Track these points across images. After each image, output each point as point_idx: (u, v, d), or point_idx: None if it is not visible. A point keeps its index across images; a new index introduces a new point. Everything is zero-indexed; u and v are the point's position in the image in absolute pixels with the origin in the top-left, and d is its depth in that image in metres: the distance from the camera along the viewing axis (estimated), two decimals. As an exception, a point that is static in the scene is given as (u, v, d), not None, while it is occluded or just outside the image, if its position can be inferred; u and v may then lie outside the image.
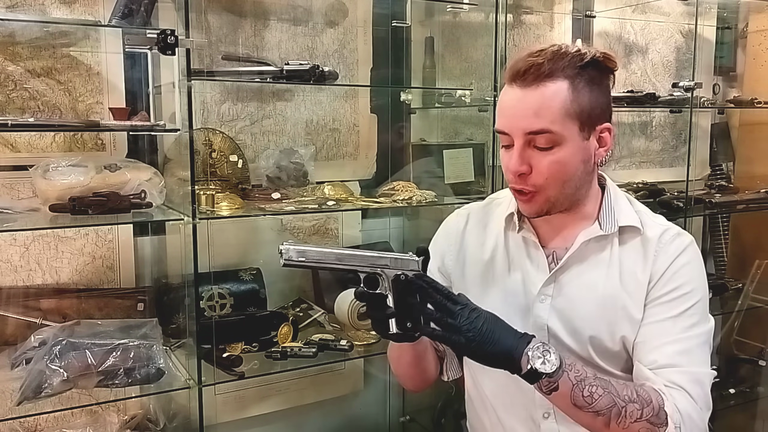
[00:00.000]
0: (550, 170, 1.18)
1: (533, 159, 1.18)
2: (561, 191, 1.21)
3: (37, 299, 1.73)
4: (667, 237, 1.27)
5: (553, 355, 1.10)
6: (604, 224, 1.27)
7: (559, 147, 1.18)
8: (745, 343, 2.70)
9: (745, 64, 2.88)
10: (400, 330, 1.15)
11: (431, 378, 1.45)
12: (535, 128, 1.16)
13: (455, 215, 1.47)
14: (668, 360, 1.18)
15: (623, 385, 1.15)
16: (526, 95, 1.17)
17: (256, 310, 1.90)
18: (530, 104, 1.16)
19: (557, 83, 1.16)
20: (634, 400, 1.13)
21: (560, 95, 1.16)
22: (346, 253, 1.15)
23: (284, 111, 2.05)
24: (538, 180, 1.19)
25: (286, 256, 1.13)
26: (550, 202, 1.22)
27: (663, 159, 2.75)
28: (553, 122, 1.16)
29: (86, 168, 1.63)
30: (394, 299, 1.15)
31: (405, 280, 1.14)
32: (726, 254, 2.91)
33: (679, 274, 1.24)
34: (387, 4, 2.17)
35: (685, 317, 1.22)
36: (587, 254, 1.27)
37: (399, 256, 1.17)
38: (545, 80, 1.16)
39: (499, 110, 1.22)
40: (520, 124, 1.17)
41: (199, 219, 1.61)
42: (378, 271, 1.15)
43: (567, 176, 1.20)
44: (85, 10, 1.73)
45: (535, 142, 1.18)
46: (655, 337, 1.21)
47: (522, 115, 1.17)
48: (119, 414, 1.84)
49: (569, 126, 1.17)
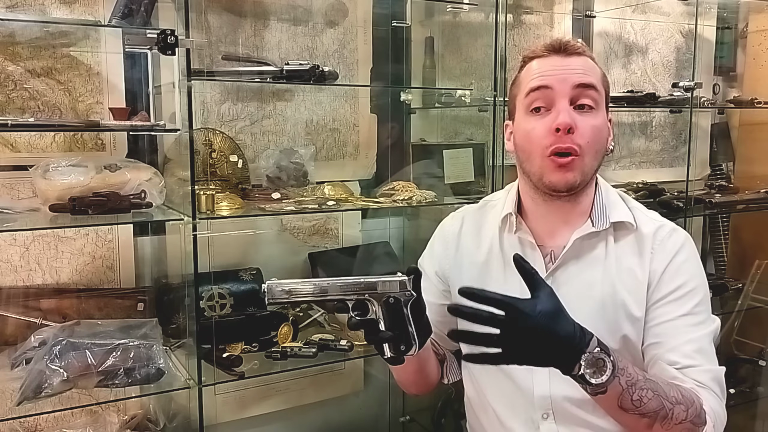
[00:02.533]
0: (592, 132, 1.21)
1: (577, 120, 1.20)
2: (593, 162, 1.23)
3: (37, 299, 1.73)
4: (662, 234, 1.27)
5: (608, 362, 1.05)
6: (596, 221, 1.27)
7: (596, 111, 1.22)
8: (745, 343, 2.70)
9: (745, 64, 2.88)
10: (394, 353, 1.14)
11: (434, 382, 1.46)
12: (585, 81, 1.21)
13: (450, 218, 1.47)
14: (689, 360, 1.19)
15: (669, 386, 1.14)
16: (570, 60, 1.23)
17: (256, 310, 1.90)
18: (577, 64, 1.23)
19: (590, 59, 1.26)
20: (680, 402, 1.12)
21: (596, 67, 1.26)
22: (332, 284, 1.13)
23: (284, 111, 2.05)
24: (581, 141, 1.20)
25: (269, 294, 1.11)
26: (584, 172, 1.23)
27: (663, 159, 2.75)
28: (597, 81, 1.23)
29: (86, 168, 1.63)
30: (386, 323, 1.14)
31: (395, 303, 1.13)
32: (726, 254, 2.91)
33: (680, 272, 1.24)
34: (387, 4, 2.17)
35: (694, 315, 1.23)
36: (582, 252, 1.27)
37: (386, 278, 1.14)
38: (583, 54, 1.25)
39: (536, 72, 1.24)
40: (569, 78, 1.21)
41: (199, 219, 1.61)
42: (366, 298, 1.14)
43: (599, 145, 1.24)
44: (85, 10, 1.73)
45: (579, 101, 1.21)
46: (670, 336, 1.21)
47: (570, 72, 1.22)
48: (119, 414, 1.84)
49: (602, 95, 1.25)
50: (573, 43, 1.24)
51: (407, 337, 1.15)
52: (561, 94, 1.20)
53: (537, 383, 1.28)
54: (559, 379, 1.26)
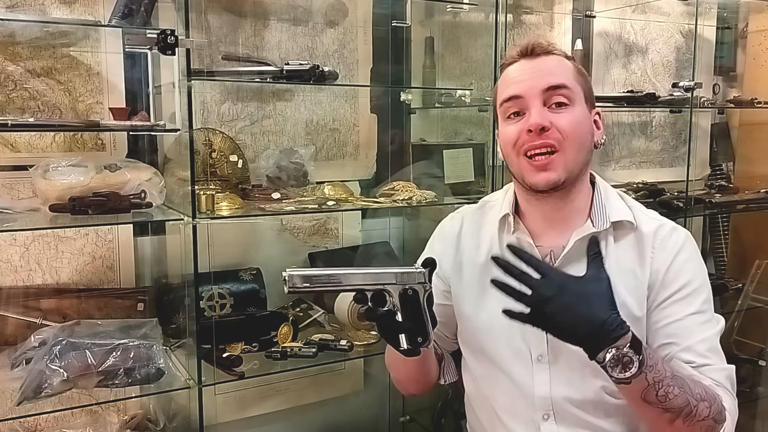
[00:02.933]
0: (570, 126, 1.21)
1: (551, 118, 1.21)
2: (576, 156, 1.23)
3: (37, 299, 1.73)
4: (663, 233, 1.27)
5: (635, 362, 1.06)
6: (596, 221, 1.27)
7: (572, 107, 1.23)
8: (745, 343, 2.70)
9: (745, 64, 2.88)
10: (411, 345, 1.15)
11: (432, 381, 1.46)
12: (554, 83, 1.22)
13: (449, 219, 1.47)
14: (704, 360, 1.20)
15: (694, 383, 1.15)
16: (538, 62, 1.24)
17: (256, 310, 1.90)
18: (545, 66, 1.24)
19: (560, 57, 1.26)
20: (704, 398, 1.13)
21: (566, 63, 1.26)
22: (351, 273, 1.14)
23: (284, 111, 2.05)
24: (558, 136, 1.21)
25: (290, 283, 1.11)
26: (567, 167, 1.22)
27: (663, 159, 2.75)
28: (568, 79, 1.23)
29: (86, 168, 1.63)
30: (403, 314, 1.14)
31: (413, 294, 1.14)
32: (726, 254, 2.91)
33: (684, 271, 1.24)
34: (387, 4, 2.17)
35: (702, 313, 1.23)
36: (583, 253, 1.27)
37: (405, 269, 1.16)
38: (551, 53, 1.25)
39: (508, 80, 1.26)
40: (538, 83, 1.22)
41: (199, 219, 1.61)
42: (385, 288, 1.14)
43: (581, 137, 1.24)
44: (85, 10, 1.73)
45: (551, 101, 1.22)
46: (683, 337, 1.22)
47: (538, 76, 1.23)
48: (119, 414, 1.84)
49: (578, 90, 1.24)
50: (540, 44, 1.26)
51: (423, 329, 1.16)
52: (532, 99, 1.22)
53: (537, 384, 1.28)
54: (560, 380, 1.26)
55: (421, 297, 1.16)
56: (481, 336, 1.34)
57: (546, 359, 1.27)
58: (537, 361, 1.28)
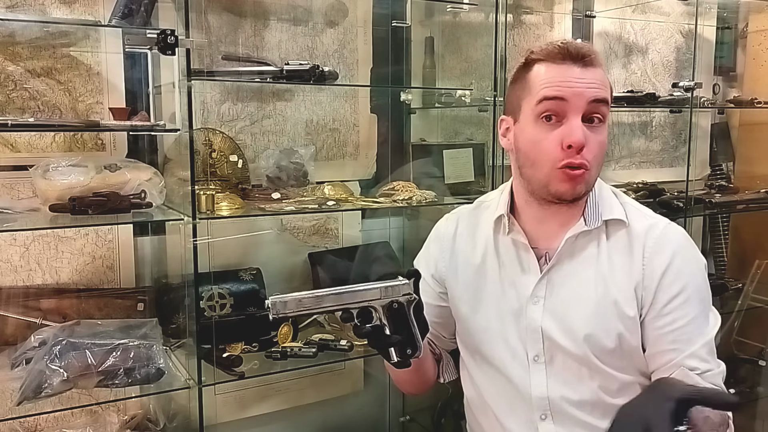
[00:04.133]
0: (599, 148, 1.21)
1: (588, 136, 1.19)
2: (597, 174, 1.24)
3: (37, 299, 1.73)
4: (655, 232, 1.26)
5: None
6: (588, 219, 1.27)
7: (603, 125, 1.22)
8: (745, 343, 2.70)
9: (745, 64, 2.88)
10: (401, 357, 1.15)
11: (431, 381, 1.46)
12: (601, 96, 1.20)
13: (445, 220, 1.47)
14: (706, 365, 1.21)
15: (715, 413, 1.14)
16: (588, 71, 1.20)
17: (256, 310, 1.90)
18: (595, 78, 1.20)
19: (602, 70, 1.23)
20: (722, 423, 1.15)
21: (607, 79, 1.23)
22: (335, 293, 1.13)
23: (284, 111, 2.05)
24: (590, 156, 1.20)
25: (273, 310, 1.11)
26: (590, 184, 1.23)
27: (663, 159, 2.75)
28: (609, 95, 1.22)
29: (86, 168, 1.63)
30: (391, 328, 1.14)
31: (398, 307, 1.14)
32: (726, 254, 2.91)
33: (682, 273, 1.24)
34: (387, 4, 2.17)
35: (704, 314, 1.24)
36: (575, 251, 1.27)
37: (389, 283, 1.15)
38: (599, 66, 1.22)
39: (552, 80, 1.19)
40: (586, 93, 1.18)
41: (199, 219, 1.61)
42: (370, 305, 1.14)
43: (603, 158, 1.24)
44: (85, 10, 1.73)
45: (589, 116, 1.20)
46: (686, 343, 1.22)
47: (587, 86, 1.19)
48: (119, 414, 1.84)
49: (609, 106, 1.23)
50: (590, 55, 1.20)
51: (412, 340, 1.16)
52: (575, 108, 1.18)
53: (534, 384, 1.28)
54: (557, 380, 1.26)
55: (408, 309, 1.16)
56: (477, 337, 1.34)
57: (542, 359, 1.27)
58: (533, 361, 1.28)
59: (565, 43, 1.21)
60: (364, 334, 1.15)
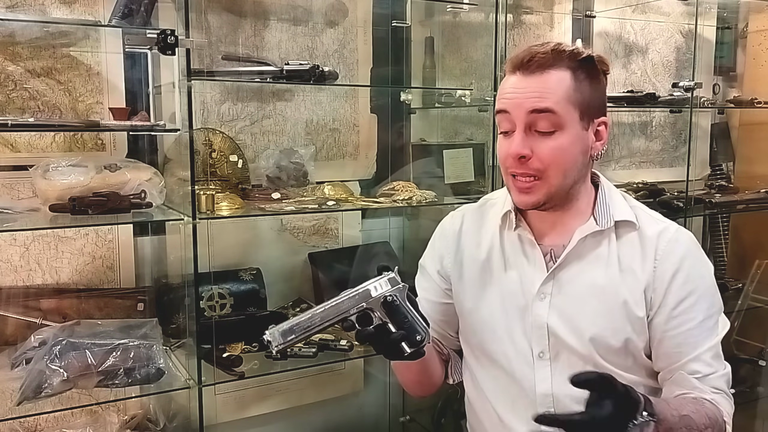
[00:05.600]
0: (552, 155, 1.19)
1: (534, 144, 1.18)
2: (561, 181, 1.21)
3: (37, 299, 1.73)
4: (667, 236, 1.27)
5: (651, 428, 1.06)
6: (599, 219, 1.27)
7: (561, 132, 1.19)
8: (745, 343, 2.70)
9: (745, 64, 2.88)
10: (412, 347, 1.15)
11: (438, 382, 1.45)
12: (539, 107, 1.17)
13: (450, 217, 1.47)
14: (709, 368, 1.22)
15: (698, 413, 1.15)
16: (530, 80, 1.18)
17: (256, 310, 1.90)
18: (534, 87, 1.18)
19: (560, 72, 1.19)
20: (708, 426, 1.15)
21: (564, 82, 1.19)
22: (328, 307, 1.13)
23: (284, 111, 2.05)
24: (538, 165, 1.19)
25: (275, 343, 1.12)
26: (550, 192, 1.21)
27: (663, 159, 2.75)
28: (556, 103, 1.17)
29: (86, 168, 1.63)
30: (393, 323, 1.14)
31: (393, 301, 1.14)
32: (726, 254, 2.91)
33: (691, 277, 1.24)
34: (387, 4, 2.17)
35: (711, 318, 1.25)
36: (585, 251, 1.27)
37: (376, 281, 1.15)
38: (549, 68, 1.18)
39: (501, 94, 1.23)
40: (524, 104, 1.18)
41: (199, 219, 1.61)
42: (366, 307, 1.14)
43: (567, 164, 1.21)
44: (85, 10, 1.73)
45: (537, 126, 1.18)
46: (692, 346, 1.22)
47: (526, 96, 1.18)
48: (119, 414, 1.84)
49: (571, 112, 1.19)
50: (539, 57, 1.18)
51: (416, 328, 1.16)
52: (517, 119, 1.19)
53: (539, 381, 1.28)
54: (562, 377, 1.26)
55: (402, 300, 1.16)
56: (481, 333, 1.34)
57: (547, 356, 1.27)
58: (538, 358, 1.28)
59: (519, 51, 1.21)
60: (367, 335, 1.14)
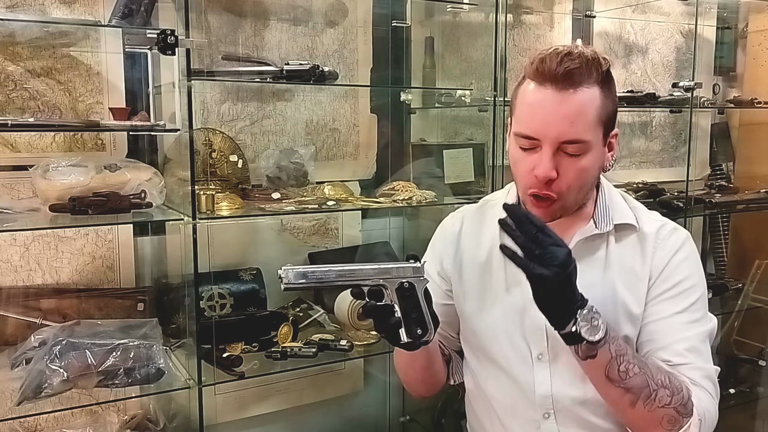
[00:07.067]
0: (578, 177, 1.17)
1: (561, 165, 1.15)
2: (576, 197, 1.22)
3: (37, 299, 1.73)
4: (664, 232, 1.28)
5: (600, 323, 1.08)
6: (599, 223, 1.27)
7: (586, 154, 1.16)
8: (745, 343, 2.70)
9: (745, 64, 2.88)
10: (410, 338, 1.15)
11: (441, 382, 1.45)
12: (570, 137, 1.14)
13: (450, 218, 1.47)
14: (681, 359, 1.20)
15: (657, 369, 1.15)
16: (562, 100, 1.13)
17: (256, 310, 1.90)
18: (567, 111, 1.13)
19: (592, 89, 1.14)
20: (666, 386, 1.13)
21: (595, 102, 1.15)
22: (347, 269, 1.14)
23: (284, 111, 2.05)
24: (562, 187, 1.17)
25: (285, 280, 1.12)
26: (565, 207, 1.21)
27: (663, 159, 2.75)
28: (587, 131, 1.14)
29: (86, 168, 1.63)
30: (401, 308, 1.15)
31: (409, 287, 1.14)
32: (726, 254, 2.91)
33: (679, 269, 1.25)
34: (387, 4, 2.17)
35: (690, 312, 1.23)
36: (583, 254, 1.27)
37: (401, 264, 1.16)
38: (581, 86, 1.13)
39: (528, 112, 1.16)
40: (553, 132, 1.13)
41: (199, 219, 1.61)
42: (381, 283, 1.14)
43: (587, 183, 1.21)
44: (85, 10, 1.73)
45: (566, 149, 1.15)
46: (663, 334, 1.22)
47: (557, 122, 1.13)
48: (119, 414, 1.84)
49: (597, 133, 1.16)
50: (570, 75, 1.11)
51: (422, 322, 1.16)
52: (547, 142, 1.15)
53: (538, 382, 1.28)
54: (561, 378, 1.26)
55: (418, 290, 1.16)
56: (481, 334, 1.34)
57: (546, 358, 1.27)
58: (537, 359, 1.28)
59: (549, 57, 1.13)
60: (372, 309, 1.14)
